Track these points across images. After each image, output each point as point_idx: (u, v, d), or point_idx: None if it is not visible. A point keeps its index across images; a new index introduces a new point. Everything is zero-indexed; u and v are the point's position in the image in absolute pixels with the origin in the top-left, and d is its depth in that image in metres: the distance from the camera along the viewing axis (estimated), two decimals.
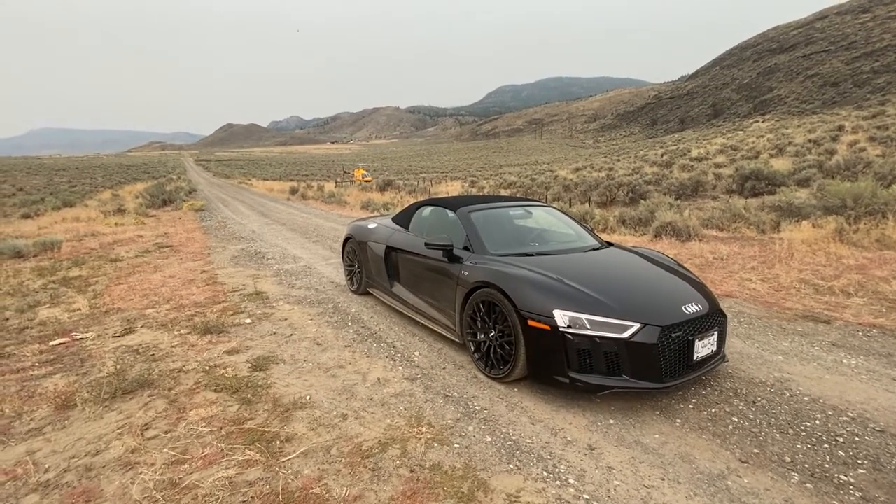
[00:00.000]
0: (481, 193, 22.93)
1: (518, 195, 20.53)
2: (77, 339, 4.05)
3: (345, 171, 58.75)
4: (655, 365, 2.58)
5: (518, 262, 3.19)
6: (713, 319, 2.87)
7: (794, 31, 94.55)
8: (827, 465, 2.15)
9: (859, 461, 2.18)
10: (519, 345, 2.81)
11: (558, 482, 2.07)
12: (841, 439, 2.34)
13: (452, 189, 28.56)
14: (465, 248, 3.58)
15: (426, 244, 3.61)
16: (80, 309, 4.98)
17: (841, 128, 30.93)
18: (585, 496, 1.98)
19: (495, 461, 2.22)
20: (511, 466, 2.18)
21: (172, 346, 3.76)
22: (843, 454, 2.23)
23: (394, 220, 4.90)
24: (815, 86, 70.78)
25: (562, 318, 2.64)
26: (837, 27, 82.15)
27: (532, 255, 3.40)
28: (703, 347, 2.75)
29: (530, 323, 2.73)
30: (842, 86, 65.26)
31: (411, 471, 2.15)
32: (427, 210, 4.49)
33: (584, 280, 2.91)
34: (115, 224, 12.43)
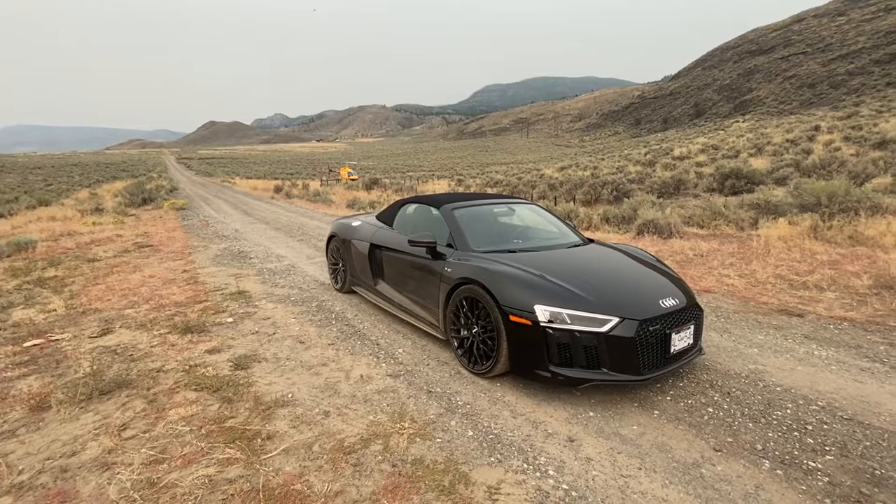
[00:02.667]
0: (467, 192, 22.99)
1: (504, 193, 20.61)
2: (52, 340, 3.96)
3: (330, 170, 58.31)
4: (634, 358, 2.63)
5: (500, 259, 3.22)
6: (690, 313, 2.94)
7: (772, 33, 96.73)
8: (797, 453, 2.23)
9: (827, 448, 2.25)
10: (501, 340, 2.83)
11: (538, 473, 2.10)
12: (810, 427, 2.43)
13: (439, 187, 28.57)
14: (449, 245, 3.60)
15: (410, 241, 3.61)
16: (55, 310, 4.86)
17: (817, 128, 31.77)
18: (564, 486, 2.01)
19: (477, 455, 2.25)
20: (492, 459, 2.21)
21: (152, 346, 3.70)
22: (811, 441, 2.31)
23: (378, 217, 4.89)
24: (793, 87, 72.55)
25: (542, 312, 2.67)
26: (814, 30, 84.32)
27: (515, 252, 3.43)
28: (680, 340, 2.81)
29: (512, 318, 2.76)
30: (818, 87, 67.03)
31: (393, 465, 2.16)
32: (411, 207, 4.49)
33: (564, 276, 2.95)
34: (93, 223, 12.14)
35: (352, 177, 43.97)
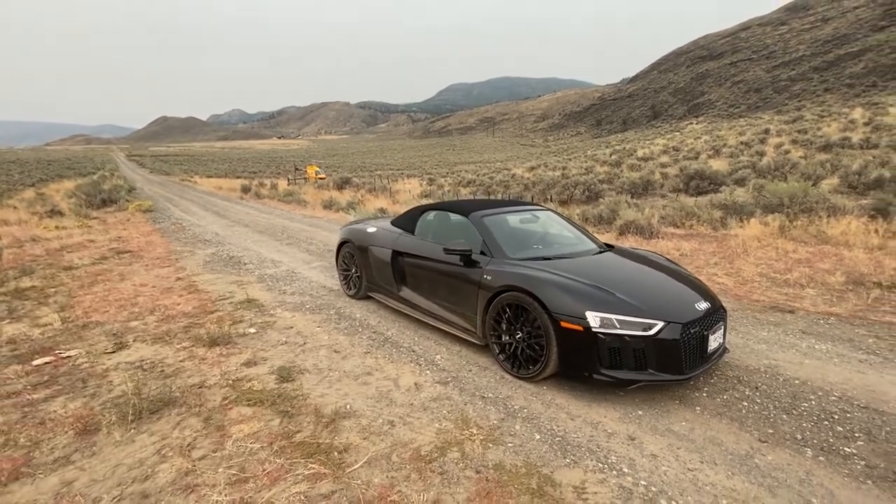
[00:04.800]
0: (451, 194, 23.07)
1: (520, 199, 20.89)
2: (63, 358, 3.77)
3: (296, 168, 56.77)
4: (678, 359, 2.83)
5: (540, 266, 3.35)
6: (718, 315, 3.18)
7: (721, 39, 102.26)
8: (832, 440, 2.48)
9: (856, 434, 2.53)
10: (550, 345, 2.97)
11: (615, 472, 2.25)
12: (836, 416, 2.70)
13: (411, 187, 28.48)
14: (482, 253, 3.70)
15: (445, 249, 3.68)
16: (51, 323, 4.60)
17: (767, 131, 33.98)
18: (643, 482, 2.17)
19: (551, 457, 2.37)
20: (567, 461, 2.33)
21: (180, 361, 3.59)
22: (841, 429, 2.58)
23: (394, 223, 4.92)
24: (741, 91, 77.07)
25: (594, 318, 2.83)
26: (759, 37, 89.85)
27: (550, 259, 3.58)
28: (714, 340, 3.05)
29: (563, 324, 2.89)
30: (763, 92, 71.53)
31: (477, 472, 2.25)
32: (432, 214, 4.56)
33: (607, 282, 3.12)
34: (56, 227, 11.39)
35: (319, 175, 43.03)
